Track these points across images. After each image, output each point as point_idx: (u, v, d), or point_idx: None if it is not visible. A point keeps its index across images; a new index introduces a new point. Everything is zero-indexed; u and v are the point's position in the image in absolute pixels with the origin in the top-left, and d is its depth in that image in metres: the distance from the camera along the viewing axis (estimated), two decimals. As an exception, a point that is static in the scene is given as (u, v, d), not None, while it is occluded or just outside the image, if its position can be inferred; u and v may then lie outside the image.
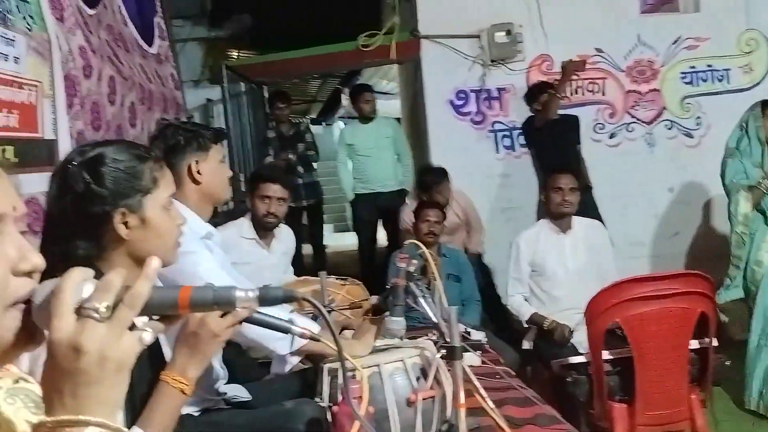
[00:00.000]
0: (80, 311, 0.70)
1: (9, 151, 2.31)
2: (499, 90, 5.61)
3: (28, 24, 2.55)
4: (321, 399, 1.80)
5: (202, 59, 7.19)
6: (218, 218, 3.35)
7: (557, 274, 3.65)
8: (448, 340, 1.63)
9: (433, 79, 5.57)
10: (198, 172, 2.12)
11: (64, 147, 2.78)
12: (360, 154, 5.73)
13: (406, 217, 4.45)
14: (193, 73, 6.88)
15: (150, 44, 4.56)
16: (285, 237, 3.64)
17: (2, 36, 2.30)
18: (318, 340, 1.50)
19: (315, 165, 6.28)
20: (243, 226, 3.48)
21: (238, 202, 4.96)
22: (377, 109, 5.78)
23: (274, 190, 3.39)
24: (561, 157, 4.81)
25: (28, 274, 0.73)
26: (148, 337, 0.73)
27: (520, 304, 3.66)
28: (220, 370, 1.98)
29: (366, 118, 5.72)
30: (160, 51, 4.79)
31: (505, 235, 4.76)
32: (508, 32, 5.43)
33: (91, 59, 3.22)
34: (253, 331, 1.89)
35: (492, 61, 5.53)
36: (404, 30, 5.64)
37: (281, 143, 5.93)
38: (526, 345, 3.65)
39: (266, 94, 6.58)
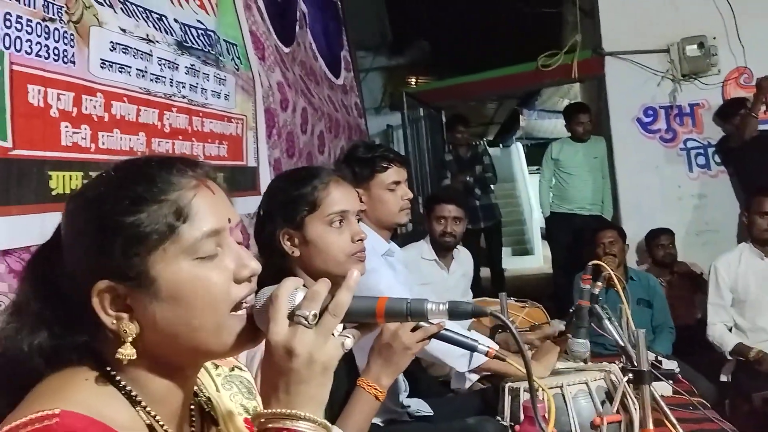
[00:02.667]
0: (292, 317, 0.79)
1: (219, 177, 2.58)
2: (692, 105, 5.28)
3: (236, 64, 2.85)
4: (502, 418, 1.80)
5: (383, 87, 7.53)
6: (397, 240, 3.47)
7: (761, 302, 3.35)
8: (635, 364, 1.57)
9: (619, 96, 5.36)
10: (360, 200, 2.21)
11: (264, 173, 3.06)
12: (564, 171, 5.51)
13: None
14: (375, 101, 7.21)
15: (337, 76, 4.87)
16: (464, 259, 3.67)
17: (215, 76, 2.59)
18: (503, 359, 1.53)
19: (492, 187, 6.28)
20: (423, 247, 3.56)
21: (417, 225, 5.09)
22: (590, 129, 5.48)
23: (449, 210, 3.44)
24: (764, 176, 4.41)
25: (247, 279, 0.82)
26: (348, 343, 0.81)
27: (722, 333, 3.39)
28: (402, 382, 2.06)
29: (579, 139, 5.50)
30: (346, 82, 5.10)
31: (701, 261, 4.46)
32: (701, 45, 5.12)
33: (288, 93, 3.51)
34: (434, 347, 1.94)
35: (683, 75, 5.22)
36: (586, 47, 5.51)
37: (459, 166, 6.00)
38: (724, 377, 3.37)
39: (444, 119, 6.71)
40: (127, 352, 0.76)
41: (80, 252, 0.78)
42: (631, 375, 1.60)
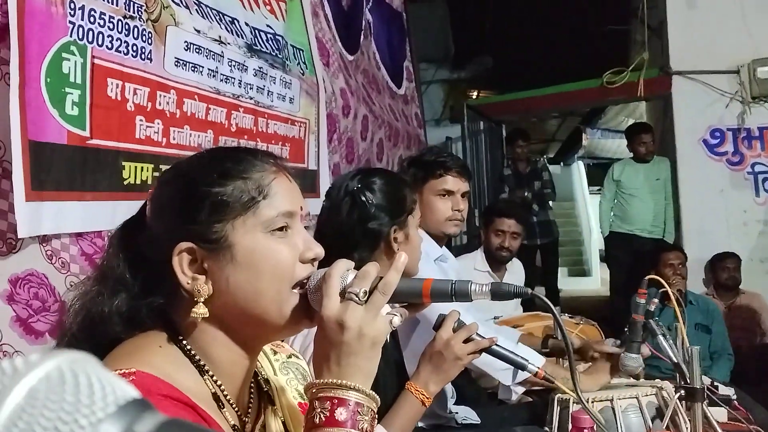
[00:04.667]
0: (344, 294, 0.84)
1: (286, 161, 2.66)
2: (761, 129, 5.13)
3: (302, 69, 2.92)
4: (550, 428, 1.79)
5: (444, 99, 7.57)
6: (452, 252, 3.48)
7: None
8: (688, 381, 1.54)
9: (685, 116, 5.25)
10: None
11: (324, 177, 3.12)
12: (625, 193, 5.43)
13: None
14: (435, 113, 7.26)
15: (399, 86, 4.92)
16: (517, 270, 3.65)
17: (282, 79, 2.67)
18: (552, 382, 1.53)
19: (551, 204, 6.21)
20: (476, 258, 3.55)
21: (472, 237, 5.08)
22: (653, 150, 5.38)
23: (509, 224, 3.42)
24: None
25: (311, 261, 0.88)
26: (396, 321, 0.86)
27: None
28: (449, 389, 2.06)
29: (641, 159, 5.41)
30: (407, 92, 5.14)
31: (765, 289, 4.32)
32: (773, 67, 4.97)
33: (350, 100, 3.58)
34: (481, 360, 1.95)
35: (753, 98, 5.08)
36: (653, 66, 5.41)
37: (517, 181, 5.96)
38: (785, 409, 3.24)
39: (504, 133, 6.68)
40: (201, 311, 0.83)
41: (168, 216, 0.86)
42: (683, 392, 1.57)
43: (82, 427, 0.35)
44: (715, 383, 2.74)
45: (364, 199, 1.66)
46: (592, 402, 1.67)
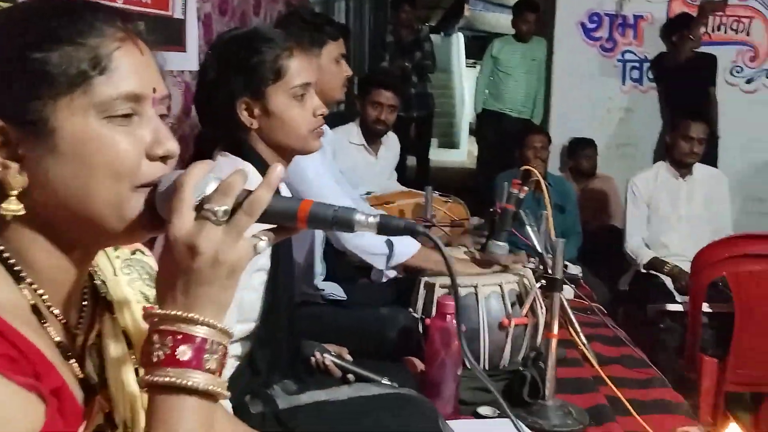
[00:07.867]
0: (199, 210, 0.69)
1: (139, 26, 2.37)
2: (636, 17, 5.24)
3: None
4: (414, 310, 1.83)
5: (328, -49, 7.08)
6: (329, 119, 3.38)
7: (669, 219, 3.50)
8: (550, 271, 1.60)
9: (568, -4, 5.26)
10: None
11: (191, 28, 2.82)
12: (501, 70, 5.48)
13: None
14: (317, -35, 6.80)
15: (282, -70, 4.50)
16: (392, 144, 3.64)
17: None
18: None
19: (430, 76, 6.16)
20: (351, 131, 3.48)
21: (349, 105, 4.96)
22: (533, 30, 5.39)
23: (387, 97, 3.35)
24: (691, 98, 4.51)
25: (162, 159, 0.72)
26: (262, 246, 0.72)
27: (639, 246, 3.51)
28: (319, 266, 2.04)
29: (521, 38, 5.43)
30: (291, -61, 4.73)
31: (617, 173, 4.60)
32: (657, -45, 5.02)
33: (225, -59, 3.21)
34: (354, 243, 1.94)
35: (633, -15, 5.15)
36: (544, -60, 5.31)
37: (398, 49, 5.82)
38: (623, 286, 3.56)
39: (390, -3, 6.44)
40: (12, 207, 0.67)
41: None
42: (544, 282, 1.63)
43: None
44: (565, 262, 2.95)
45: (211, 67, 1.44)
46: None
